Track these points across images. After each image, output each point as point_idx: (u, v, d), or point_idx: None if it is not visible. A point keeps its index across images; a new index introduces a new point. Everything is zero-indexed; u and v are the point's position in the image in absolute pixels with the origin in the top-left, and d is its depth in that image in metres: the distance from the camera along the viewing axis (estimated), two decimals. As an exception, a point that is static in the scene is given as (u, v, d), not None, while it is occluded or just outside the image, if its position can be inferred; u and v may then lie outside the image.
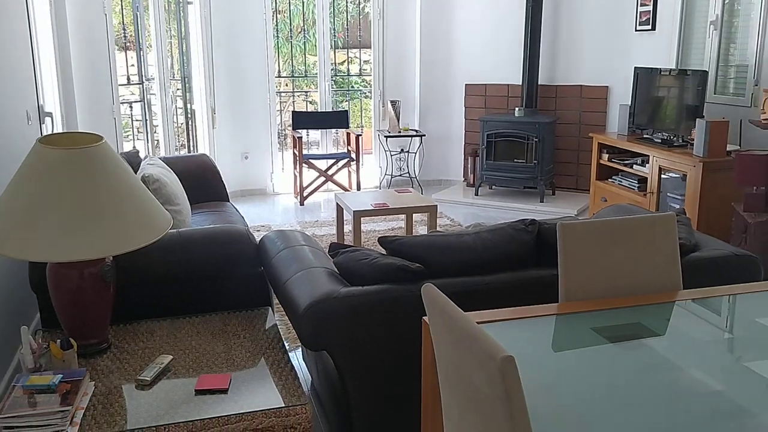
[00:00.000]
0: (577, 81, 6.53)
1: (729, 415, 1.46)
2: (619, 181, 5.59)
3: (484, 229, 2.59)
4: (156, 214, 2.42)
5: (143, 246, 2.32)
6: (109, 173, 2.31)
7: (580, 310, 2.04)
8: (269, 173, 6.95)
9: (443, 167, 7.32)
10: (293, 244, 2.74)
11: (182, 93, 6.65)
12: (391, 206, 4.52)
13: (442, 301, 1.50)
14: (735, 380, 1.60)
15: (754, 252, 4.11)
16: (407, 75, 7.17)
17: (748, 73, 4.85)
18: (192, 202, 4.20)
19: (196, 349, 2.43)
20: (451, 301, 2.20)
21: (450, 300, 1.50)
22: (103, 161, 2.31)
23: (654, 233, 2.24)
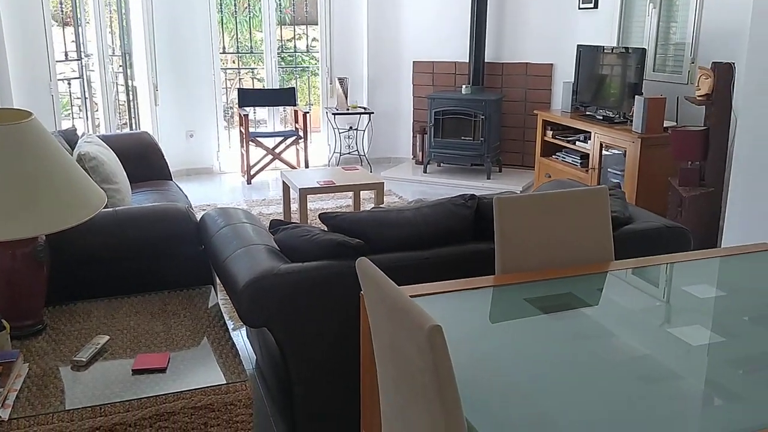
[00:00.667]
0: (523, 59, 6.59)
1: (654, 379, 1.52)
2: (563, 158, 5.70)
3: (424, 204, 2.61)
4: (89, 192, 2.36)
5: (76, 225, 2.27)
6: (39, 150, 2.24)
7: (516, 281, 2.08)
8: (215, 152, 6.84)
9: (392, 145, 7.33)
10: (234, 221, 2.71)
11: (123, 69, 6.47)
12: (338, 184, 4.51)
13: (376, 274, 1.51)
14: (660, 346, 1.66)
15: (689, 224, 4.26)
16: (355, 52, 7.12)
17: (685, 51, 4.98)
18: (133, 181, 4.11)
19: (134, 329, 2.40)
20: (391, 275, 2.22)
21: (383, 273, 1.51)
22: (32, 138, 2.24)
23: (587, 206, 2.29)
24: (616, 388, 1.48)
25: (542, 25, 6.42)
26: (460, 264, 2.43)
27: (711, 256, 2.31)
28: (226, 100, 7.78)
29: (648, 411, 1.39)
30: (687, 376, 1.53)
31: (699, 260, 2.27)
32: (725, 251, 2.37)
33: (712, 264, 2.25)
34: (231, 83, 8.24)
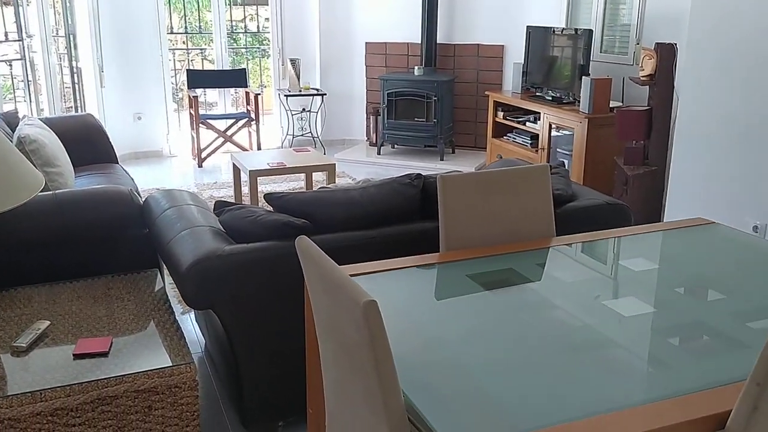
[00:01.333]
0: (475, 40, 6.62)
1: (587, 349, 1.56)
2: (514, 138, 5.77)
3: (371, 184, 2.62)
4: (26, 175, 2.30)
5: (13, 208, 2.20)
6: (-30, 132, 2.17)
7: (459, 258, 2.11)
8: (165, 134, 6.71)
9: (346, 126, 7.30)
10: (179, 203, 2.68)
11: (68, 50, 6.28)
12: (289, 165, 4.48)
13: (314, 252, 1.51)
14: (595, 317, 1.71)
15: (634, 202, 4.37)
16: (307, 33, 7.05)
17: (631, 32, 5.07)
18: (77, 164, 4.02)
19: (76, 314, 2.36)
20: (337, 255, 2.23)
21: (321, 251, 1.51)
22: (-38, 119, 2.16)
23: (529, 184, 2.33)
24: (550, 359, 1.52)
25: (493, 6, 6.45)
26: (407, 243, 2.44)
27: (649, 230, 2.38)
28: (175, 82, 7.62)
29: (580, 379, 1.44)
30: (618, 345, 1.58)
31: (637, 235, 2.34)
32: (663, 226, 2.44)
33: (650, 238, 2.32)
34: (181, 64, 8.07)
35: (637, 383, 1.43)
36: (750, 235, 2.40)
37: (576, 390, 1.40)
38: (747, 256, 2.17)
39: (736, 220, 3.48)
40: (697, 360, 1.54)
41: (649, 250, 2.23)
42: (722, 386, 1.40)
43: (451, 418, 1.31)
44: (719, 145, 3.58)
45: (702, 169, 3.70)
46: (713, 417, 1.31)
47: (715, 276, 2.02)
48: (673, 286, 1.93)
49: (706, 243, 2.27)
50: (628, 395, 1.37)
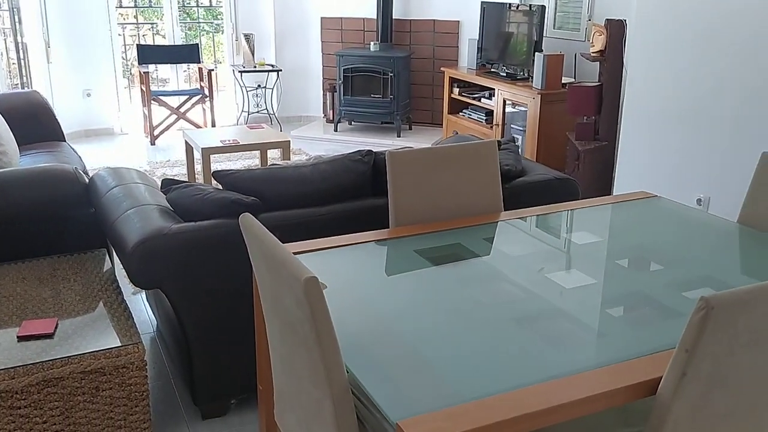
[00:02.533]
0: (431, 15, 6.60)
1: (528, 320, 1.60)
2: (469, 115, 5.80)
3: (322, 161, 2.61)
4: (-38, 154, 2.23)
5: (-52, 188, 2.14)
6: None
7: (407, 234, 2.12)
8: (115, 111, 6.55)
9: (302, 103, 7.23)
10: (126, 181, 2.63)
11: (11, 25, 6.05)
12: (243, 143, 4.43)
13: (257, 230, 1.51)
14: (537, 289, 1.75)
15: (586, 177, 4.45)
16: (261, 6, 6.93)
17: (582, 8, 5.12)
18: (23, 142, 3.91)
19: (20, 296, 2.31)
20: (288, 232, 2.23)
21: (264, 228, 1.51)
22: None
23: (477, 160, 2.35)
24: (493, 331, 1.55)
25: (448, -19, 6.44)
26: (359, 219, 2.45)
27: (594, 204, 2.43)
28: (125, 57, 7.43)
29: (522, 350, 1.47)
30: (559, 316, 1.62)
31: (583, 209, 2.38)
32: (608, 200, 2.49)
33: (595, 212, 2.37)
34: (132, 39, 7.86)
35: (576, 352, 1.47)
36: (690, 207, 2.47)
37: (518, 360, 1.43)
38: (687, 229, 2.24)
39: (682, 193, 3.58)
40: (634, 329, 1.59)
41: (594, 223, 2.28)
42: (656, 353, 1.45)
43: (394, 391, 1.33)
44: (666, 120, 3.66)
45: (649, 144, 3.78)
46: (647, 383, 1.36)
47: (656, 248, 2.07)
48: (615, 259, 1.98)
49: (649, 216, 2.33)
50: (568, 364, 1.41)
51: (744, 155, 3.25)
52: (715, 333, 1.23)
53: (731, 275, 1.87)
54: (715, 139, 3.39)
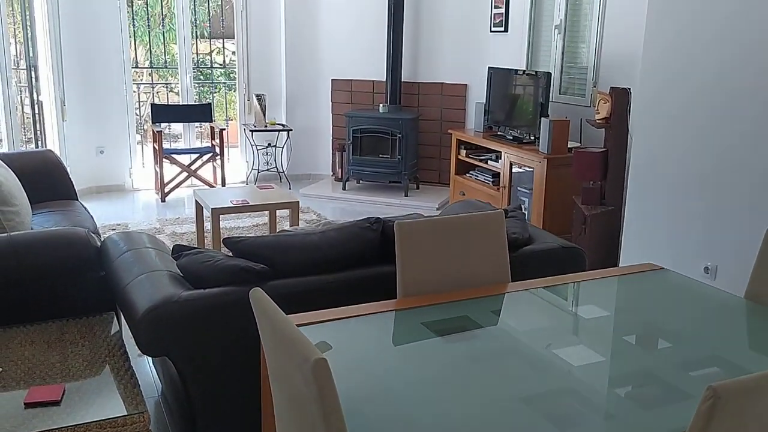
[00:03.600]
0: (438, 79, 6.75)
1: (534, 399, 1.60)
2: (476, 176, 5.86)
3: (331, 227, 2.64)
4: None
5: (-36, 253, 2.17)
6: None
7: (415, 305, 2.13)
8: (127, 168, 6.66)
9: (311, 162, 7.33)
10: (137, 246, 2.66)
11: (28, 84, 6.22)
12: (252, 203, 4.48)
13: (267, 305, 1.53)
14: (545, 366, 1.75)
15: (592, 241, 4.47)
16: (273, 68, 7.10)
17: (588, 75, 5.23)
18: (35, 201, 3.97)
19: (29, 360, 2.32)
20: (297, 300, 2.24)
21: (274, 304, 1.53)
22: None
23: (484, 230, 2.38)
24: (501, 410, 1.55)
25: (456, 46, 6.60)
26: (367, 287, 2.47)
27: (601, 276, 2.44)
28: (139, 115, 7.59)
29: (526, 430, 1.46)
30: (567, 395, 1.62)
31: (590, 281, 2.39)
32: (615, 272, 2.51)
33: (602, 285, 2.38)
34: (146, 96, 8.05)
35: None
36: (697, 281, 2.48)
37: (524, 443, 1.43)
38: (694, 304, 2.24)
39: (689, 261, 3.59)
40: (642, 411, 1.58)
41: (601, 297, 2.29)
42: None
43: (401, 474, 1.32)
44: (672, 187, 3.69)
45: (656, 210, 3.80)
46: (656, 469, 1.35)
47: (664, 324, 2.08)
48: (622, 335, 1.98)
49: (656, 290, 2.34)
50: (574, 448, 1.41)
51: (751, 223, 3.27)
52: (723, 422, 1.23)
53: (739, 354, 1.86)
54: (722, 207, 3.41)
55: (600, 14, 5.02)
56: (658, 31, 3.69)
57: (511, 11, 6.04)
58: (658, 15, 3.69)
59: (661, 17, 3.66)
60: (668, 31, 3.62)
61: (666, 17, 3.63)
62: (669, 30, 3.62)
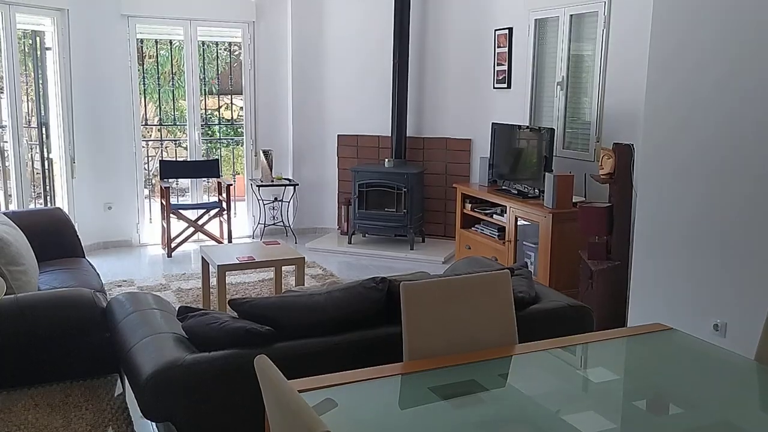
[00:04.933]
0: (443, 134, 6.83)
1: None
2: (481, 230, 5.87)
3: (336, 287, 2.64)
4: (-14, 283, 2.28)
5: (-30, 317, 2.18)
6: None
7: (421, 369, 2.11)
8: (135, 224, 6.70)
9: (317, 216, 7.37)
10: (143, 307, 2.66)
11: (39, 141, 6.32)
12: (258, 260, 4.49)
13: (272, 374, 1.52)
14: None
15: (599, 296, 4.44)
16: (280, 124, 7.21)
17: (591, 130, 5.29)
18: (43, 259, 3.99)
19: (32, 425, 2.29)
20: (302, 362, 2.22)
21: (280, 373, 1.51)
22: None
23: (491, 290, 2.37)
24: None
25: (460, 102, 6.70)
26: (373, 348, 2.45)
27: (609, 338, 2.41)
28: (148, 170, 7.69)
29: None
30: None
31: (598, 342, 2.37)
32: (624, 332, 2.48)
33: (611, 346, 2.35)
34: (155, 151, 8.17)
35: None
36: (707, 343, 2.45)
37: None
38: (704, 367, 2.21)
39: (698, 318, 3.55)
40: (654, 481, 1.54)
41: (610, 358, 2.26)
42: None
43: None
44: (678, 243, 3.68)
45: (663, 266, 3.79)
46: None
47: (674, 388, 2.04)
48: (632, 400, 1.95)
49: (665, 352, 2.31)
50: None
51: (761, 278, 3.25)
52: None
53: (749, 419, 1.83)
54: (729, 263, 3.40)
55: (601, 72, 5.10)
56: (658, 88, 3.75)
57: (514, 68, 6.15)
58: (657, 71, 3.74)
59: (661, 73, 3.72)
60: (668, 86, 3.68)
61: (666, 73, 3.69)
62: (669, 86, 3.67)
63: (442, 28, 6.69)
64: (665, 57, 3.69)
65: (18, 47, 5.65)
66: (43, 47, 6.22)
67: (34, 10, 5.74)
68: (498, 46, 6.29)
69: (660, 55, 3.72)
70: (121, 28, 6.40)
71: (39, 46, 6.27)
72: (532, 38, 5.88)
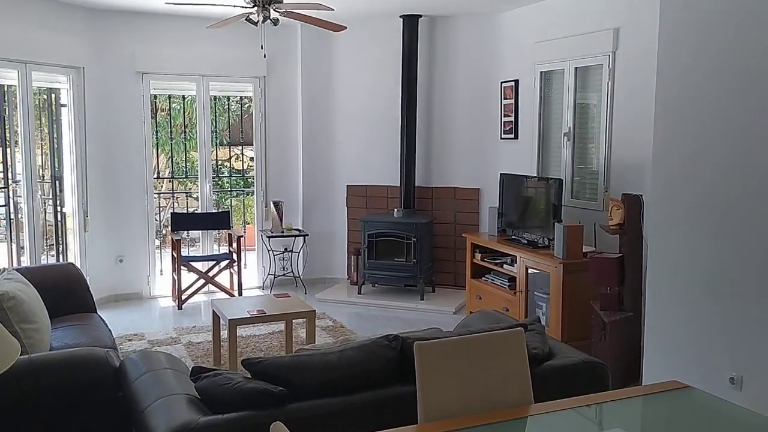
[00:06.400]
0: (451, 183, 6.88)
1: None
2: (492, 280, 5.85)
3: (349, 346, 2.63)
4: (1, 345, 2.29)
5: (-15, 381, 2.18)
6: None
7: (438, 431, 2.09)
8: (146, 276, 6.73)
9: (327, 266, 7.38)
10: (156, 367, 2.66)
11: (53, 195, 6.40)
12: (269, 313, 4.49)
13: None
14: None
15: (612, 348, 4.40)
16: (290, 175, 7.28)
17: (599, 180, 5.32)
18: (56, 314, 4.00)
19: (43, 489, 2.27)
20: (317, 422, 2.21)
21: (296, 441, 1.51)
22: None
23: (505, 348, 2.36)
24: None
25: (468, 152, 6.76)
26: (387, 407, 2.44)
27: (625, 396, 2.39)
28: (159, 220, 7.74)
29: None
30: None
31: (614, 402, 2.34)
32: (640, 391, 2.46)
33: (626, 405, 2.32)
34: (166, 202, 8.24)
35: None
36: (723, 401, 2.42)
37: None
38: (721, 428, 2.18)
39: (714, 371, 3.50)
40: None
41: (627, 418, 2.23)
42: None
43: None
44: (691, 294, 3.66)
45: (676, 318, 3.76)
46: None
47: (693, 448, 2.01)
48: (651, 462, 1.92)
49: (682, 411, 2.28)
50: None
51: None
52: None
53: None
54: (745, 314, 3.37)
55: (607, 123, 5.16)
56: (664, 137, 3.77)
57: (520, 119, 6.22)
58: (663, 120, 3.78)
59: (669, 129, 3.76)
60: (676, 138, 3.71)
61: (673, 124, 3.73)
62: (677, 137, 3.70)
63: (449, 80, 6.81)
64: (670, 107, 3.73)
65: (33, 103, 5.77)
66: (59, 104, 6.35)
67: (51, 69, 5.88)
68: (504, 98, 6.39)
69: (665, 106, 3.77)
70: (136, 85, 6.55)
71: (54, 103, 6.41)
72: (538, 90, 5.97)
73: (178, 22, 6.52)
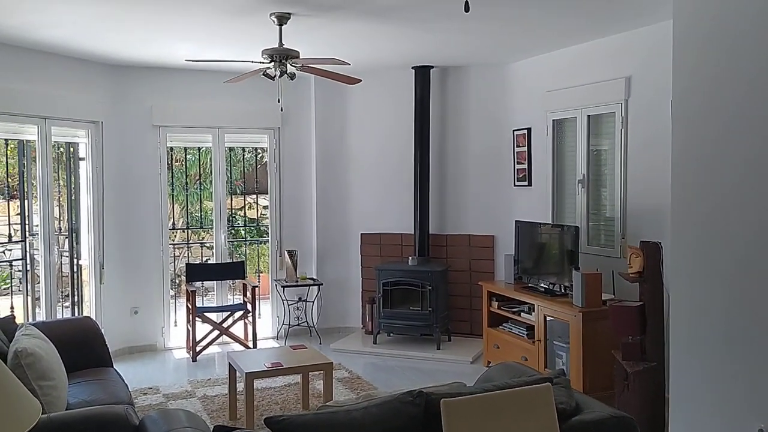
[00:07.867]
0: (466, 231, 6.87)
1: None
2: (509, 329, 5.78)
3: (372, 402, 2.59)
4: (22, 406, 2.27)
5: (6, 443, 2.15)
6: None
7: (466, 493, 2.04)
8: (161, 328, 6.71)
9: (342, 315, 7.33)
10: (176, 426, 2.62)
11: (69, 248, 6.44)
12: (286, 366, 4.45)
13: None
14: None
15: (636, 398, 4.31)
16: (304, 223, 7.31)
17: (615, 226, 5.30)
18: (72, 369, 3.98)
19: None
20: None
21: None
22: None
23: (532, 405, 2.32)
24: None
25: (481, 199, 6.78)
26: (411, 466, 2.37)
27: (657, 452, 2.32)
28: (174, 269, 7.75)
29: None
30: None
31: (646, 458, 2.28)
32: (670, 445, 2.39)
33: (659, 462, 2.26)
34: (180, 251, 8.27)
35: None
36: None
37: None
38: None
39: (741, 421, 3.41)
40: None
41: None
42: None
43: None
44: (716, 344, 3.59)
45: (701, 368, 3.68)
46: None
47: None
48: None
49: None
50: None
51: (804, 385, 3.14)
52: None
53: None
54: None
55: (622, 169, 5.17)
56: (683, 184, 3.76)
57: (534, 166, 6.25)
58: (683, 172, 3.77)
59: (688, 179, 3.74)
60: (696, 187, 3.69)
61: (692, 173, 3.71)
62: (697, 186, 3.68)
63: (462, 128, 6.87)
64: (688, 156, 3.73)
65: (52, 156, 5.85)
66: (77, 157, 6.44)
67: (70, 123, 5.98)
68: (517, 146, 6.43)
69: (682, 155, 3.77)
70: (153, 138, 6.65)
71: (73, 156, 6.50)
72: (550, 138, 6.00)
73: (195, 76, 6.64)
